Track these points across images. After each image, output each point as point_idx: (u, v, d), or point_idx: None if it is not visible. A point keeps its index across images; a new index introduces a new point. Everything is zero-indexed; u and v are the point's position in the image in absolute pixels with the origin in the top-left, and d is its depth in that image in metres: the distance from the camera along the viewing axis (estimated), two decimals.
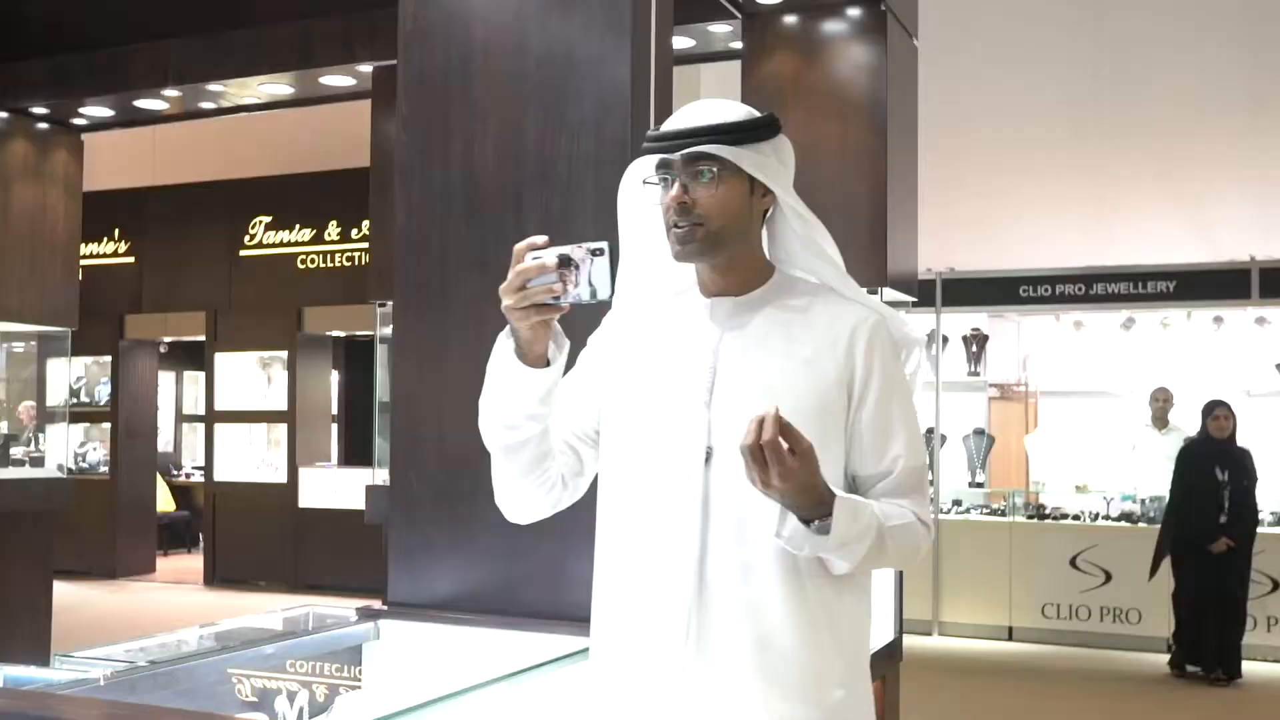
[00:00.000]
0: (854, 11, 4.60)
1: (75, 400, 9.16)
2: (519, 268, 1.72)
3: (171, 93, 6.56)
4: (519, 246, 1.72)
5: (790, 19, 4.69)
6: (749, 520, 1.76)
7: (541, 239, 1.72)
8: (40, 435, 8.57)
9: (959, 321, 9.29)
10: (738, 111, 1.85)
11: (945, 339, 9.16)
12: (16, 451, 7.96)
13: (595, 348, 1.98)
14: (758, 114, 1.86)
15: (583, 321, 1.90)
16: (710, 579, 1.78)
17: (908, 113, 4.88)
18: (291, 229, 11.28)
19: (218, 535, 11.27)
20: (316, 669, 2.48)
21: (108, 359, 11.89)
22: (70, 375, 9.41)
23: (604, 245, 1.68)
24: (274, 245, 11.36)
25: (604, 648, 1.88)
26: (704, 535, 1.79)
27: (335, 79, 6.33)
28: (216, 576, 11.13)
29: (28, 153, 6.97)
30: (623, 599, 1.85)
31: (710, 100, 1.89)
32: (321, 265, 11.15)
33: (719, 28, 5.20)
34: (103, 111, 6.98)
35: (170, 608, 9.98)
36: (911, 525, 1.82)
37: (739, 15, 4.71)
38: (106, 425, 11.99)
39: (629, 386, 1.90)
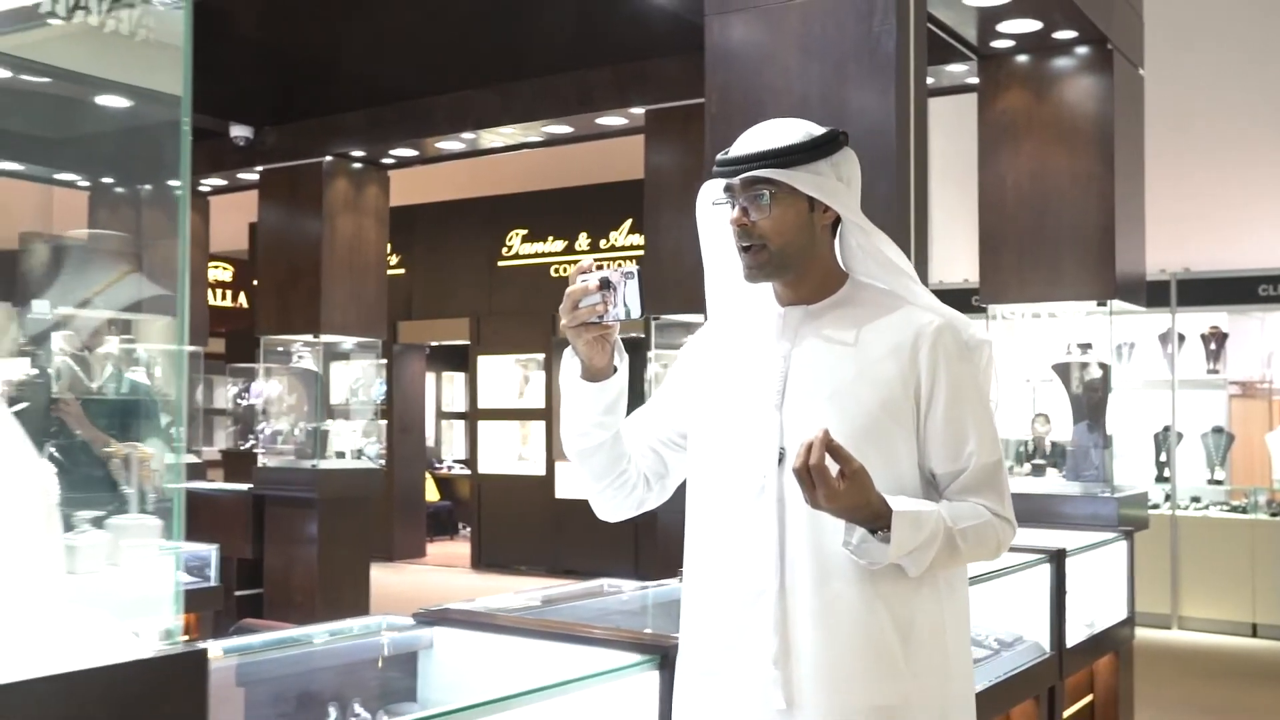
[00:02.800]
0: (1082, 50, 4.89)
1: (355, 399, 10.21)
2: (568, 289, 1.83)
3: (468, 135, 7.26)
4: (572, 271, 1.84)
5: (1022, 58, 5.01)
6: (823, 517, 1.78)
7: (588, 261, 1.87)
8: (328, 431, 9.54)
9: (1197, 320, 9.17)
10: (796, 133, 1.88)
11: (1182, 337, 9.10)
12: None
13: (684, 357, 2.07)
14: (818, 133, 1.89)
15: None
16: (789, 573, 1.82)
17: (1134, 138, 5.11)
18: (545, 240, 11.90)
19: (483, 523, 11.97)
20: (653, 612, 3.15)
21: (383, 361, 13.05)
22: (350, 376, 10.45)
23: (634, 269, 1.81)
24: (529, 256, 12.00)
25: (693, 639, 1.94)
26: (781, 532, 1.83)
27: (610, 119, 6.89)
28: (482, 560, 11.83)
29: (346, 190, 7.81)
30: (710, 597, 1.90)
31: (774, 122, 1.94)
32: None
33: (956, 67, 5.58)
34: (408, 152, 7.75)
35: (448, 586, 10.68)
36: (987, 523, 1.85)
37: (975, 57, 5.07)
38: (382, 422, 13.17)
39: (711, 392, 1.97)
